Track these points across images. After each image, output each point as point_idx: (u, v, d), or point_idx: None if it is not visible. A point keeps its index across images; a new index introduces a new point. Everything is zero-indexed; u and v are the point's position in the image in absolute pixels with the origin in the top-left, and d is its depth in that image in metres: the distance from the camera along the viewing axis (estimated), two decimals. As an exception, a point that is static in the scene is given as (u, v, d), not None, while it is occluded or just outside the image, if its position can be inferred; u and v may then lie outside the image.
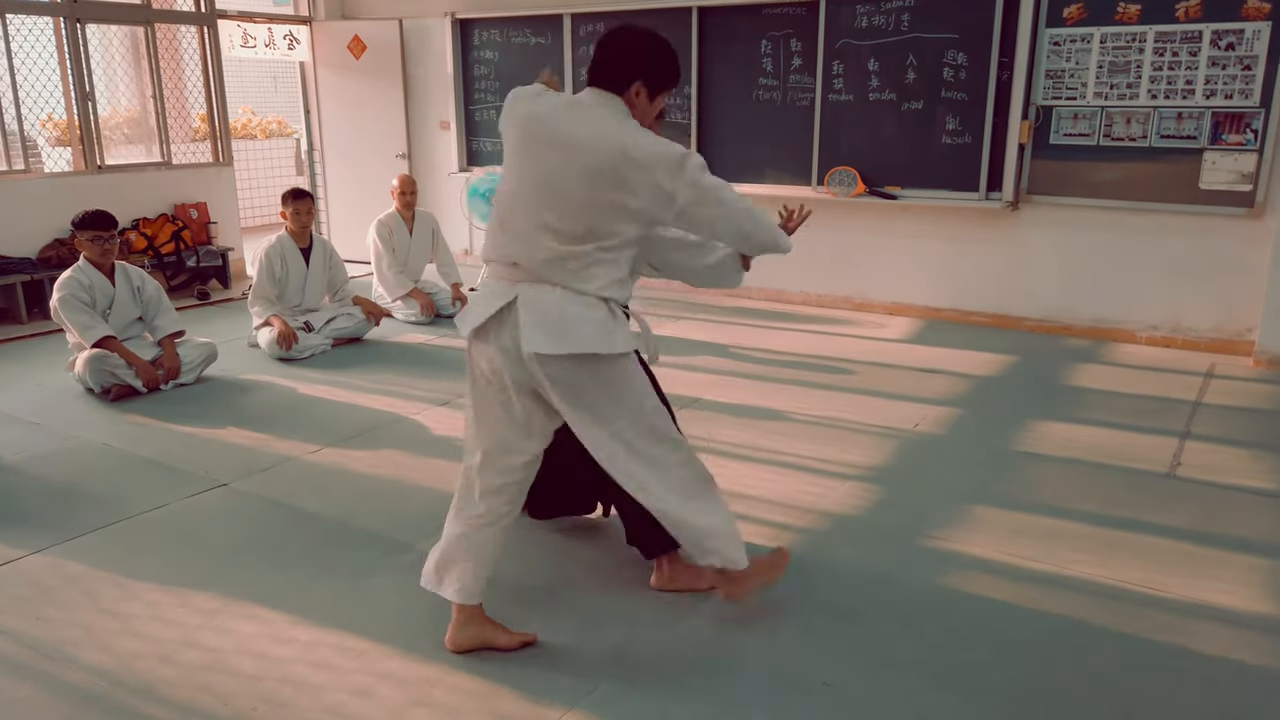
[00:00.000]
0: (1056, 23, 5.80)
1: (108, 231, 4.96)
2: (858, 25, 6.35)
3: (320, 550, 3.28)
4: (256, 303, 5.77)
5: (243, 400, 4.94)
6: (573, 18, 7.49)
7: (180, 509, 3.60)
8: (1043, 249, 6.19)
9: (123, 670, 2.57)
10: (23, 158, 6.92)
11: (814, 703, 2.44)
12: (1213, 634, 2.74)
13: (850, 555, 3.23)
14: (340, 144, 9.04)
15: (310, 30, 8.81)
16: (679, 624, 2.78)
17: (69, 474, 3.94)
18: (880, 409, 4.70)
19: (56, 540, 3.32)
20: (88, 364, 4.84)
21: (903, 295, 6.79)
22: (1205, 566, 3.13)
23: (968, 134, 6.15)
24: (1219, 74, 5.40)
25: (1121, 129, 5.73)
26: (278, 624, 2.79)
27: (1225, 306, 5.70)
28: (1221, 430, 4.41)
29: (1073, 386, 5.13)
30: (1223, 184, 5.51)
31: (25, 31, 6.86)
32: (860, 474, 3.91)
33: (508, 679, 2.52)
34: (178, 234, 7.56)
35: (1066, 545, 3.27)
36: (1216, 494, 3.71)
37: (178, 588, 3.00)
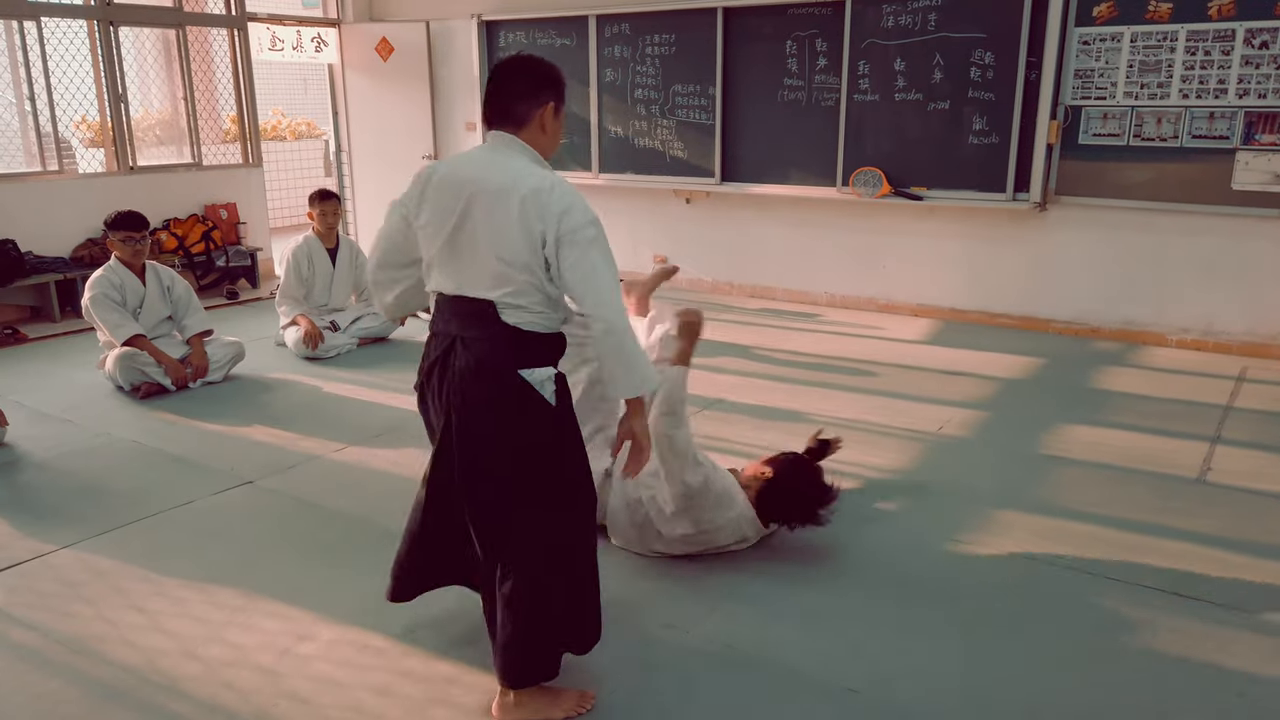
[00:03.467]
0: (1086, 22, 5.73)
1: (139, 232, 5.03)
2: (884, 25, 6.31)
3: (343, 548, 3.30)
4: (283, 302, 5.82)
5: (269, 399, 4.98)
6: (598, 19, 7.50)
7: (206, 506, 3.64)
8: (1071, 250, 6.12)
9: (148, 666, 2.60)
10: (56, 159, 7.03)
11: (838, 709, 2.42)
12: (1244, 642, 2.70)
13: (874, 560, 3.20)
14: (368, 145, 9.11)
15: (339, 33, 8.88)
16: (695, 628, 2.78)
17: (98, 470, 4.00)
18: (905, 411, 4.67)
19: (85, 535, 3.37)
20: (118, 362, 4.91)
21: (928, 297, 6.74)
22: (1235, 573, 3.08)
23: (995, 134, 6.09)
24: (1252, 73, 5.31)
25: (1152, 129, 5.65)
26: (301, 621, 2.81)
27: (1258, 309, 5.60)
28: (1253, 435, 4.33)
29: (1101, 390, 5.06)
30: (1256, 185, 5.42)
31: (59, 34, 6.97)
32: (885, 477, 3.88)
33: (527, 679, 2.53)
34: (207, 234, 7.65)
35: (1094, 551, 3.23)
36: (1247, 500, 3.65)
37: (203, 584, 3.04)
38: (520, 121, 2.31)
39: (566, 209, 2.19)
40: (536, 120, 2.32)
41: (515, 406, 2.24)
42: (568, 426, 2.35)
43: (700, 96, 7.18)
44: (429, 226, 2.31)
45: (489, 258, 2.21)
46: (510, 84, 2.32)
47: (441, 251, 2.28)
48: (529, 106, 2.30)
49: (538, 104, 2.31)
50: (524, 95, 2.30)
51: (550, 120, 2.34)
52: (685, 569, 3.12)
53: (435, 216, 2.28)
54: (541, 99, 2.31)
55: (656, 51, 7.32)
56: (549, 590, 2.32)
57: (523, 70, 2.33)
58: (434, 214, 2.29)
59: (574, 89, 7.81)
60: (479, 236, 2.21)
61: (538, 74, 2.33)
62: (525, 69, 2.33)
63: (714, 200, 7.41)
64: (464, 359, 2.24)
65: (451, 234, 2.25)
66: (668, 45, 7.25)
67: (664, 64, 7.30)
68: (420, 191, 2.34)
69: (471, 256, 2.23)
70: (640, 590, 3.00)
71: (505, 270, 2.20)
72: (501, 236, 2.19)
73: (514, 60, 2.35)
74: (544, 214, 2.17)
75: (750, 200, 7.25)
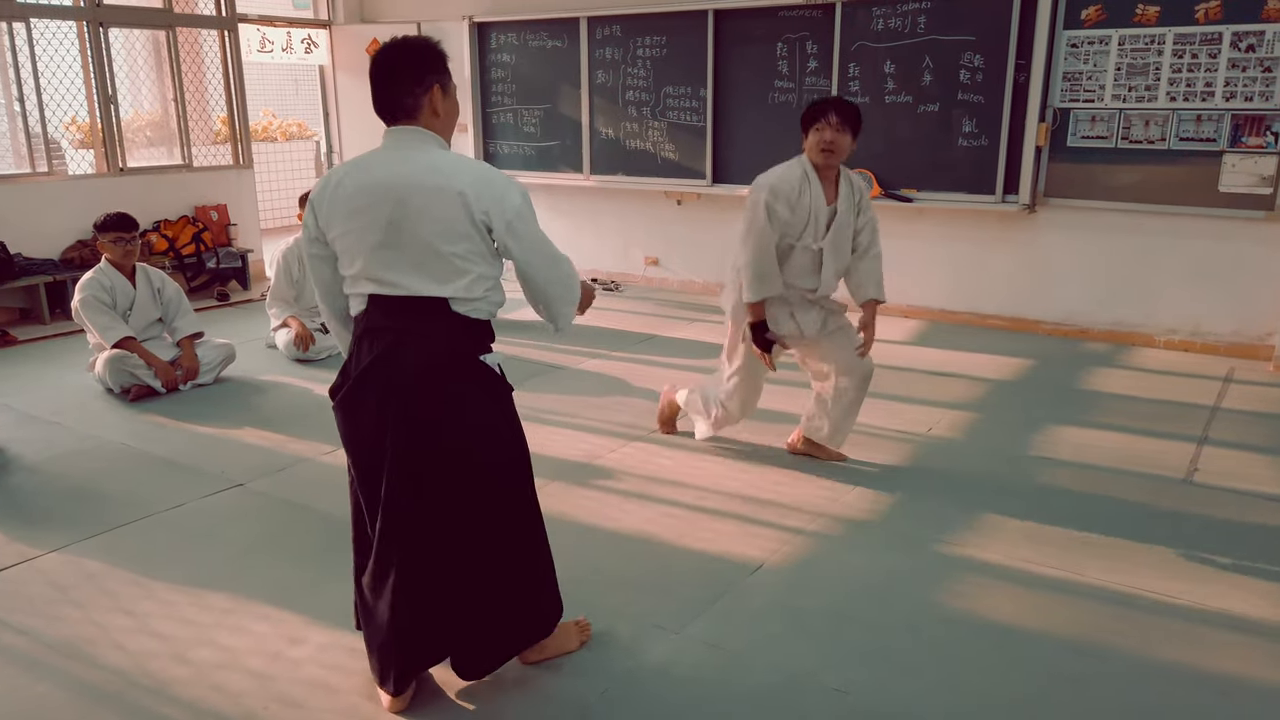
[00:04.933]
0: (1074, 25, 5.77)
1: (129, 233, 5.02)
2: (874, 28, 6.33)
3: (334, 551, 3.30)
4: (274, 304, 5.82)
5: (260, 401, 4.98)
6: (589, 20, 7.51)
7: (196, 508, 3.63)
8: (1060, 252, 6.15)
9: (137, 669, 2.60)
10: (46, 160, 7.01)
11: (823, 708, 2.43)
12: (1227, 643, 2.72)
13: (862, 560, 3.22)
14: (359, 146, 9.09)
15: (329, 34, 8.88)
16: (686, 629, 2.79)
17: (88, 473, 3.99)
18: (895, 412, 4.68)
19: (74, 539, 3.37)
20: (107, 364, 4.90)
21: (918, 298, 6.76)
22: (1221, 574, 3.11)
23: (984, 136, 6.12)
24: (1239, 76, 5.35)
25: (1140, 131, 5.69)
26: (291, 624, 2.82)
27: (1245, 310, 5.64)
28: (1240, 435, 4.36)
29: (1090, 391, 5.09)
30: (1242, 187, 5.46)
31: (49, 36, 6.95)
32: (873, 478, 3.90)
33: (517, 682, 2.54)
34: (198, 236, 7.64)
35: (1080, 551, 3.25)
36: (1233, 500, 3.67)
37: (193, 587, 3.03)
38: (411, 113, 2.25)
39: (503, 194, 2.21)
40: (427, 107, 2.26)
41: (481, 389, 2.28)
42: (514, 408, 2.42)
43: (691, 98, 7.20)
44: (349, 236, 2.24)
45: (435, 254, 2.19)
46: (388, 78, 2.25)
47: (375, 257, 2.22)
48: (414, 97, 2.24)
49: (422, 90, 2.24)
50: (405, 86, 2.24)
51: (440, 102, 2.28)
52: (672, 574, 3.13)
53: (356, 225, 2.22)
54: (425, 84, 2.24)
55: (648, 53, 7.34)
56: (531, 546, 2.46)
57: (397, 60, 2.24)
58: (354, 224, 2.23)
59: (565, 91, 7.82)
60: (420, 234, 2.18)
61: (413, 60, 2.25)
62: (399, 59, 2.24)
63: (705, 202, 7.43)
64: (419, 353, 2.20)
65: (385, 238, 2.20)
66: (659, 47, 7.27)
67: (655, 66, 7.31)
68: (325, 210, 2.28)
69: (414, 255, 2.19)
70: (629, 591, 3.01)
71: (459, 264, 2.20)
72: (450, 232, 2.18)
73: (387, 51, 2.26)
74: (488, 205, 2.19)
75: (741, 202, 7.23)
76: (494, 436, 2.31)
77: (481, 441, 2.28)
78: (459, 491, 2.27)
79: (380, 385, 2.22)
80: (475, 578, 2.35)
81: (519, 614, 2.46)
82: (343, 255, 2.29)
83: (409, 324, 2.22)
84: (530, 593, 2.47)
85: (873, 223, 3.83)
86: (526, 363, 5.51)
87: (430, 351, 2.21)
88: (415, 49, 2.26)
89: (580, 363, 5.56)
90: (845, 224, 3.73)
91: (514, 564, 2.41)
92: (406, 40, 2.27)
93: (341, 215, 2.24)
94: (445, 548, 2.31)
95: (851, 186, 3.75)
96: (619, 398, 4.94)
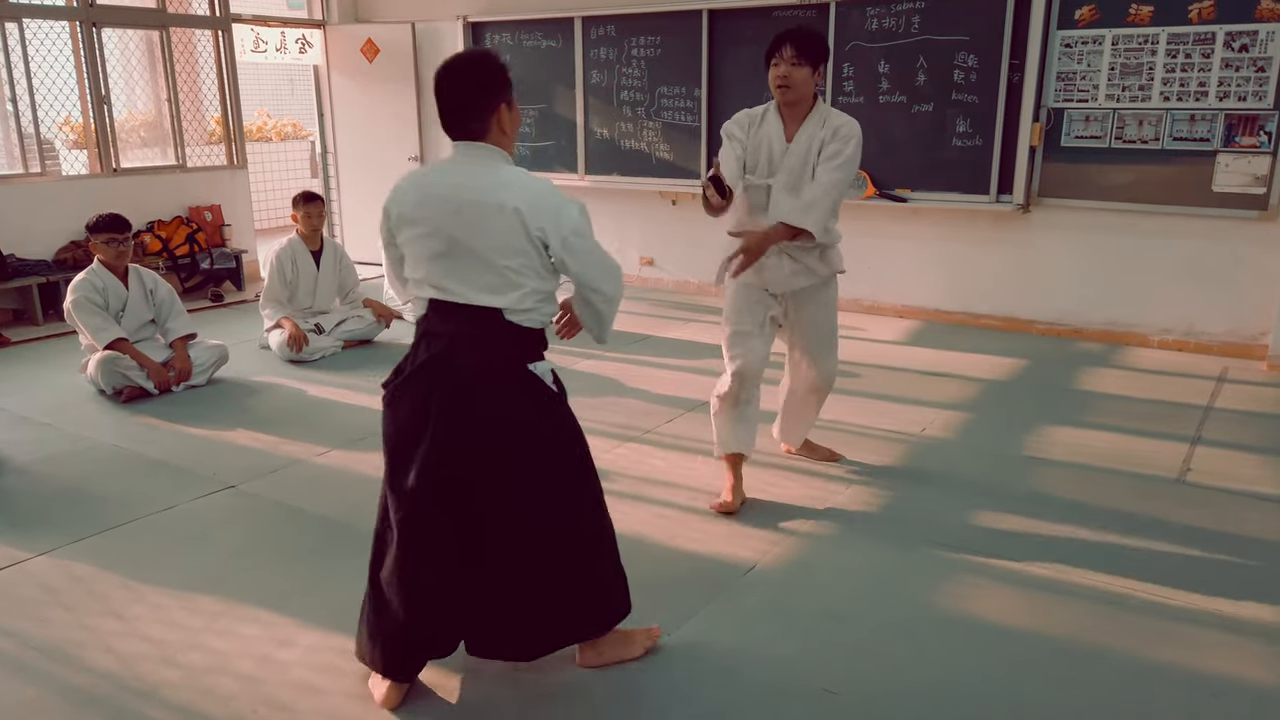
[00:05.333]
0: (1068, 25, 5.77)
1: (122, 234, 5.01)
2: (868, 28, 6.33)
3: (325, 553, 3.30)
4: (267, 305, 5.81)
5: (253, 402, 4.97)
6: (584, 20, 7.51)
7: (188, 511, 3.62)
8: (1054, 252, 6.16)
9: (126, 673, 2.59)
10: (39, 161, 7.00)
11: (814, 709, 2.43)
12: (1220, 643, 2.72)
13: (854, 560, 3.22)
14: (354, 147, 9.09)
15: (324, 34, 8.86)
16: (678, 630, 2.78)
17: (79, 475, 3.98)
18: (888, 413, 4.68)
19: (64, 542, 3.36)
20: (99, 366, 4.88)
21: (913, 298, 6.76)
22: (1212, 574, 3.11)
23: (978, 136, 6.12)
24: (1232, 76, 5.36)
25: (1134, 131, 5.69)
26: (281, 627, 2.81)
27: (1239, 310, 5.65)
28: (1233, 435, 4.37)
29: (1083, 390, 5.09)
30: (1236, 187, 5.46)
31: (42, 36, 6.93)
32: (866, 478, 3.89)
33: (507, 683, 2.53)
34: (192, 236, 7.62)
35: (1073, 552, 3.25)
36: (1226, 500, 3.67)
37: (183, 590, 3.02)
38: (480, 135, 2.32)
39: (559, 211, 2.29)
40: (495, 127, 2.33)
41: (525, 395, 2.33)
42: (568, 414, 2.45)
43: (686, 98, 7.19)
44: (414, 243, 2.35)
45: (490, 267, 2.27)
46: (458, 107, 2.31)
47: (435, 265, 2.32)
48: (482, 121, 2.32)
49: (491, 111, 2.31)
50: (476, 109, 2.31)
51: (506, 120, 2.35)
52: (665, 575, 3.13)
53: (419, 233, 2.32)
54: (493, 105, 2.31)
55: (642, 53, 7.33)
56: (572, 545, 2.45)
57: (466, 82, 2.31)
58: (417, 231, 2.32)
59: (559, 91, 7.81)
60: (477, 248, 2.26)
61: (481, 81, 2.31)
62: (468, 80, 2.31)
63: (700, 202, 7.40)
64: (469, 357, 2.29)
65: (444, 249, 2.29)
66: (653, 47, 7.26)
67: (650, 66, 7.31)
68: (395, 216, 2.38)
69: (471, 267, 2.28)
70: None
71: (513, 278, 2.27)
72: (505, 247, 2.26)
73: (453, 71, 2.31)
74: (543, 222, 2.26)
75: (736, 202, 7.25)
76: (532, 440, 2.34)
77: (519, 444, 2.32)
78: (490, 490, 2.32)
79: (428, 383, 2.31)
80: (500, 572, 2.38)
81: (554, 609, 2.45)
82: (408, 259, 2.41)
83: (463, 329, 2.31)
84: (569, 590, 2.46)
85: (840, 155, 3.31)
86: (520, 363, 5.49)
87: (480, 356, 2.30)
88: (481, 76, 2.32)
89: (574, 363, 5.55)
90: (800, 164, 3.36)
91: (549, 561, 2.42)
92: (471, 63, 2.33)
93: (408, 222, 2.35)
94: (468, 542, 2.36)
95: (823, 125, 3.36)
96: (613, 398, 4.94)
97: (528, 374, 2.35)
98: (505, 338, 2.32)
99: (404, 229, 2.36)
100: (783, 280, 3.51)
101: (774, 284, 3.51)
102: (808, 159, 3.37)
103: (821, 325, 3.66)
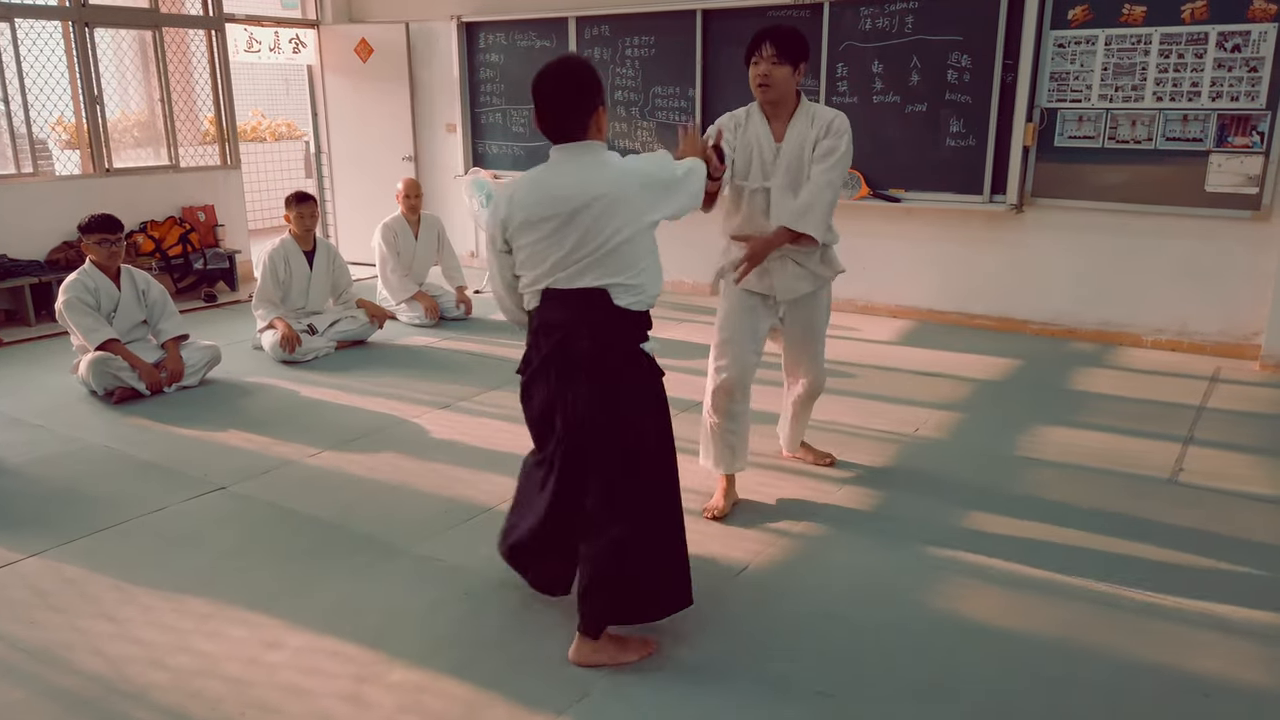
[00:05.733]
0: (1061, 25, 5.77)
1: (114, 235, 4.99)
2: (861, 27, 6.33)
3: (315, 554, 3.29)
4: (260, 305, 5.79)
5: (245, 403, 4.96)
6: (578, 20, 7.50)
7: (178, 512, 3.61)
8: (1047, 252, 6.16)
9: (115, 675, 2.58)
10: (31, 161, 6.97)
11: (807, 711, 2.43)
12: (1211, 643, 2.72)
13: (846, 561, 3.22)
14: (347, 147, 9.08)
15: (318, 34, 8.85)
16: (670, 631, 2.78)
17: (70, 477, 3.97)
18: (881, 413, 4.68)
19: (54, 543, 3.34)
20: (91, 367, 4.87)
21: (906, 298, 6.76)
22: (1204, 574, 3.11)
23: (972, 136, 6.13)
24: (1225, 76, 5.36)
25: (1126, 131, 5.69)
26: (270, 629, 2.80)
27: (1231, 310, 5.65)
28: (1225, 435, 4.37)
29: (1077, 390, 5.10)
30: (1229, 187, 5.46)
31: (34, 36, 6.91)
32: (859, 478, 3.89)
33: (498, 685, 2.53)
34: (185, 236, 7.60)
35: (1065, 552, 3.25)
36: (1218, 500, 3.68)
37: (173, 592, 3.01)
38: (580, 136, 2.51)
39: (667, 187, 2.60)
40: (592, 128, 2.52)
41: (640, 372, 2.59)
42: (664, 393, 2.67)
43: (680, 98, 7.19)
44: (537, 244, 2.51)
45: (611, 252, 2.47)
46: (561, 116, 2.50)
47: (558, 260, 2.49)
48: (582, 126, 2.51)
49: (590, 113, 2.50)
50: (576, 115, 2.49)
51: (602, 120, 2.55)
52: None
53: (542, 234, 2.49)
54: (589, 109, 2.50)
55: (636, 53, 7.33)
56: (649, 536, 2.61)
57: (566, 89, 2.48)
58: (540, 232, 2.50)
59: (554, 91, 7.79)
60: (603, 234, 2.45)
61: (579, 96, 2.49)
62: (568, 88, 2.48)
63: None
64: (588, 342, 2.50)
65: (570, 243, 2.47)
66: (647, 47, 7.26)
67: (644, 66, 7.30)
68: (514, 224, 2.54)
69: (594, 255, 2.47)
70: (613, 595, 3.00)
71: (629, 258, 2.49)
72: (629, 228, 2.48)
73: (553, 80, 2.49)
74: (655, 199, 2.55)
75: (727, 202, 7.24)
76: (642, 416, 2.58)
77: (630, 420, 2.55)
78: (606, 461, 2.55)
79: (556, 369, 2.55)
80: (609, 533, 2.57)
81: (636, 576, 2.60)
82: (527, 261, 2.56)
83: (579, 316, 2.52)
84: (650, 559, 2.61)
85: (835, 152, 3.28)
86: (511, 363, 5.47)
87: (596, 340, 2.51)
88: (578, 86, 2.50)
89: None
90: (795, 161, 3.31)
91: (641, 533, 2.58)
92: (569, 72, 2.51)
93: (531, 226, 2.51)
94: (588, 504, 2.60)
95: (811, 122, 3.31)
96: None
97: (638, 353, 2.58)
98: (615, 321, 2.52)
99: (526, 233, 2.51)
100: (788, 285, 3.45)
101: (780, 290, 3.44)
102: (803, 157, 3.32)
103: (818, 328, 3.65)
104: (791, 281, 3.45)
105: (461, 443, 4.32)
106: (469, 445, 4.29)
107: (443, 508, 3.63)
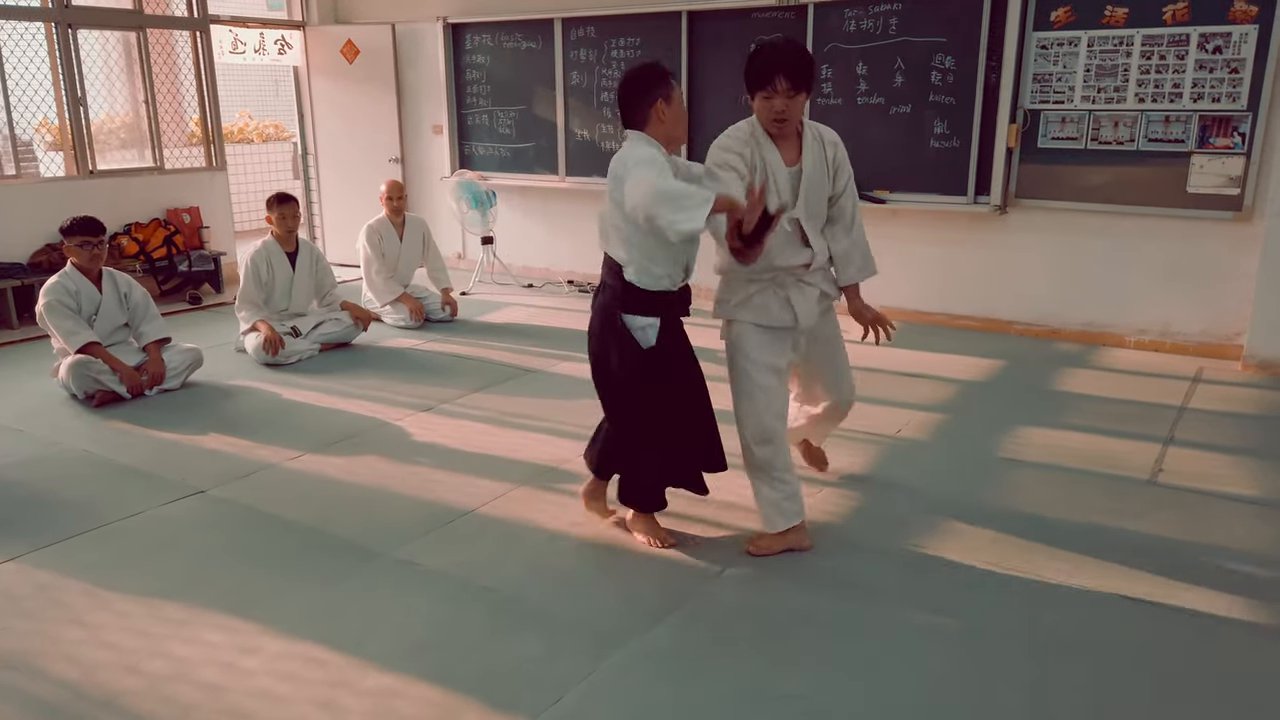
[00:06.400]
0: (1044, 26, 5.78)
1: (95, 237, 4.97)
2: (846, 29, 6.34)
3: (292, 558, 3.27)
4: (243, 307, 5.77)
5: (227, 406, 4.94)
6: (563, 22, 7.49)
7: (155, 517, 3.59)
8: (1031, 253, 6.17)
9: (86, 681, 2.56)
10: (14, 162, 6.94)
11: (785, 713, 2.42)
12: (1190, 643, 2.73)
13: (825, 563, 3.21)
14: (334, 148, 9.05)
15: (303, 35, 8.82)
16: (646, 633, 2.77)
17: (47, 481, 3.94)
18: (863, 414, 4.67)
19: (29, 548, 3.32)
20: (71, 370, 4.84)
21: (890, 299, 6.76)
22: (1183, 574, 3.11)
23: (956, 138, 6.14)
24: (1206, 77, 5.38)
25: (1109, 132, 5.71)
26: (245, 634, 2.78)
27: (1214, 310, 5.67)
28: (1205, 436, 4.38)
29: (1059, 391, 5.11)
30: (1210, 188, 5.48)
31: (17, 37, 6.88)
32: (841, 481, 3.89)
33: (472, 689, 2.52)
34: (169, 239, 7.57)
35: (1045, 553, 3.25)
36: (1197, 500, 3.69)
37: (148, 597, 3.00)
38: (640, 124, 3.06)
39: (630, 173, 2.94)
40: (653, 118, 3.04)
41: (615, 341, 3.13)
42: (655, 364, 3.14)
43: (665, 100, 7.17)
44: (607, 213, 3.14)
45: (614, 228, 3.06)
46: (624, 99, 3.07)
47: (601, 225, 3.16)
48: (642, 110, 3.04)
49: (648, 105, 3.02)
50: (636, 104, 3.04)
51: (665, 112, 3.03)
52: (640, 575, 3.12)
53: (606, 204, 3.11)
54: (649, 100, 3.02)
55: (622, 54, 7.32)
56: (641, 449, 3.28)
57: (630, 85, 3.05)
58: (606, 204, 3.11)
59: (539, 92, 7.80)
60: (615, 209, 3.02)
61: (643, 83, 3.04)
62: (632, 84, 3.05)
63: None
64: (599, 300, 3.19)
65: (609, 214, 3.09)
66: (633, 48, 7.25)
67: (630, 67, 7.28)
68: None
69: (613, 224, 3.06)
70: (590, 599, 2.99)
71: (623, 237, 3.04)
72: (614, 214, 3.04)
73: (625, 78, 3.08)
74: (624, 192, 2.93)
75: (716, 203, 7.24)
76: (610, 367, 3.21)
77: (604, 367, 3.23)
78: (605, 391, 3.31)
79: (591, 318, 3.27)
80: None
81: None
82: None
83: (605, 279, 3.17)
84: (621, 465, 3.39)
85: (850, 177, 3.28)
86: (500, 366, 5.48)
87: (602, 301, 3.18)
88: (638, 79, 3.06)
89: (553, 365, 5.54)
90: (818, 186, 3.20)
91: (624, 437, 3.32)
92: (636, 72, 3.08)
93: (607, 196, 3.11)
94: None
95: (822, 144, 3.21)
96: (590, 401, 4.89)
97: (617, 321, 3.10)
98: (618, 289, 3.09)
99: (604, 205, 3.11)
100: (810, 311, 3.30)
101: (805, 318, 3.27)
102: (823, 182, 3.21)
103: (837, 341, 3.51)
104: (813, 307, 3.31)
105: (443, 446, 4.31)
106: (451, 448, 4.28)
107: (423, 512, 3.62)
